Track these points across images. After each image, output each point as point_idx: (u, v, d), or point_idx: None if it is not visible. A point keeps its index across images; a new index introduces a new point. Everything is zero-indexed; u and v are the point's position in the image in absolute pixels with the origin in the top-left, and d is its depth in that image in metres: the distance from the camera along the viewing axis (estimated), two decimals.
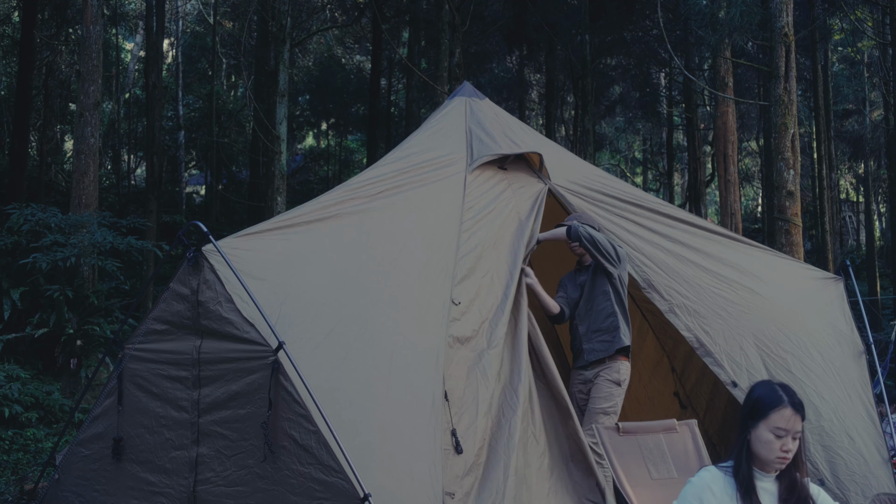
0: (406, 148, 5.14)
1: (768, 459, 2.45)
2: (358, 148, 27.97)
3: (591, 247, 4.54)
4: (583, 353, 4.73)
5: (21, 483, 6.17)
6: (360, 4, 20.09)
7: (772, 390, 2.49)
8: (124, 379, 3.90)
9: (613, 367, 4.59)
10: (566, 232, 4.62)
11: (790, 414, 2.43)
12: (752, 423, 2.46)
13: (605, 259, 4.56)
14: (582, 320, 4.77)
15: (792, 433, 2.43)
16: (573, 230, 4.58)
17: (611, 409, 4.53)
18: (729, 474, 2.49)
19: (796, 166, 8.14)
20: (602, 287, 4.65)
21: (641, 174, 30.91)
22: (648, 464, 4.51)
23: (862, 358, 4.87)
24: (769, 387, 2.51)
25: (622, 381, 4.60)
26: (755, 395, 2.51)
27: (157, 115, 15.08)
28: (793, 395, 2.48)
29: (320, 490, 3.14)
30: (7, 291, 8.44)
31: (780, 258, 5.42)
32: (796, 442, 2.46)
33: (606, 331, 4.63)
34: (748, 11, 9.88)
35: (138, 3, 22.15)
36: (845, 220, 28.82)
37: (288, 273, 3.78)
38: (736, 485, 2.46)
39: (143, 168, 20.02)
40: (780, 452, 2.43)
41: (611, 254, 4.56)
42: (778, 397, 2.45)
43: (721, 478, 2.49)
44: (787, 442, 2.43)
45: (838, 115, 21.66)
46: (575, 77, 18.10)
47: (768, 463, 2.46)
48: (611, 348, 4.59)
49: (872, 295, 18.68)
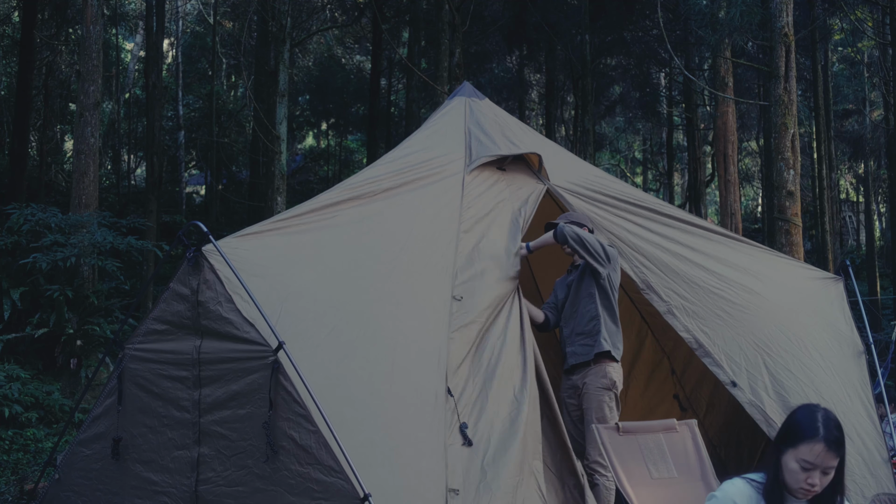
0: (405, 148, 5.14)
1: (793, 488, 2.32)
2: (358, 148, 27.97)
3: (579, 246, 4.42)
4: (567, 357, 4.61)
5: (21, 483, 6.18)
6: (360, 4, 20.09)
7: (811, 419, 2.31)
8: (125, 379, 3.90)
9: (600, 371, 4.43)
10: (553, 235, 4.51)
11: (821, 450, 2.25)
12: (783, 447, 2.32)
13: (593, 258, 4.43)
14: (567, 322, 4.66)
15: (822, 468, 2.27)
16: (559, 232, 4.45)
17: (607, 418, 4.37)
18: (757, 490, 2.37)
19: (796, 166, 8.14)
20: (588, 289, 4.53)
21: (641, 174, 30.92)
22: (648, 463, 4.50)
23: (862, 358, 4.87)
24: (810, 414, 2.33)
25: (612, 384, 4.44)
26: (794, 419, 2.35)
27: (157, 115, 15.09)
28: (830, 430, 2.28)
29: (320, 490, 3.14)
30: (7, 291, 8.44)
31: (779, 258, 5.42)
32: (828, 477, 2.29)
33: (588, 334, 4.49)
34: (748, 11, 9.88)
35: (138, 3, 22.16)
36: (845, 220, 28.82)
37: (288, 272, 3.78)
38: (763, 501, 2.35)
39: (143, 168, 20.02)
40: (805, 484, 2.28)
41: (599, 252, 4.44)
42: (814, 429, 2.27)
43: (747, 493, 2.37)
44: (813, 475, 2.27)
45: (838, 115, 21.66)
46: (575, 77, 18.10)
47: (793, 491, 2.33)
48: (591, 353, 4.44)
49: (872, 295, 18.68)
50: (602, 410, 4.37)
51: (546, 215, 5.55)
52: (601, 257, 4.45)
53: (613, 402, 4.42)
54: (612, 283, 4.54)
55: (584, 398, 4.44)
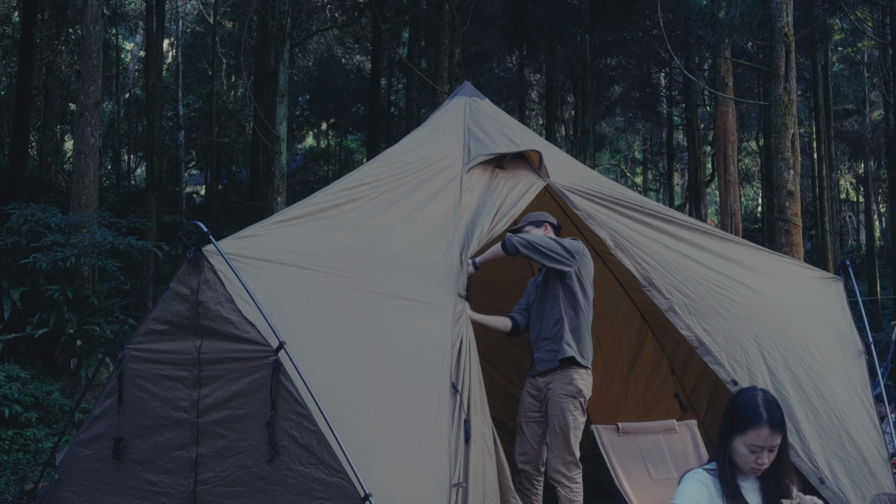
0: (404, 145, 5.13)
1: (744, 469, 2.51)
2: (358, 148, 27.97)
3: (532, 252, 4.19)
4: (534, 363, 4.45)
5: (21, 483, 6.18)
6: (360, 4, 20.09)
7: (753, 405, 2.48)
8: (124, 379, 3.90)
9: (566, 377, 4.23)
10: (502, 248, 4.23)
11: (767, 433, 2.44)
12: (732, 434, 2.50)
13: (551, 260, 4.22)
14: (534, 326, 4.48)
15: (768, 448, 2.46)
16: (508, 244, 4.19)
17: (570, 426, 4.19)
18: (713, 475, 2.54)
19: (796, 166, 8.14)
20: (553, 290, 4.35)
21: (641, 174, 30.91)
22: (648, 464, 4.51)
23: (861, 358, 4.86)
24: (752, 400, 2.50)
25: (577, 392, 4.22)
26: (737, 406, 2.52)
27: (157, 115, 15.08)
28: (773, 413, 2.47)
29: (321, 490, 3.14)
30: (7, 291, 8.45)
31: (779, 259, 5.42)
32: (773, 453, 2.49)
33: (553, 339, 4.31)
34: (748, 11, 9.88)
35: (138, 3, 22.16)
36: (845, 220, 28.82)
37: (288, 272, 3.78)
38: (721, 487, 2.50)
39: (143, 168, 20.02)
40: (755, 465, 2.48)
41: (557, 252, 4.22)
42: (757, 415, 2.45)
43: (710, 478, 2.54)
44: (762, 456, 2.47)
45: (838, 115, 21.65)
46: (575, 77, 18.10)
47: (744, 472, 2.52)
48: (555, 359, 4.26)
49: (872, 295, 18.68)
50: (566, 419, 4.20)
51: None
52: (561, 256, 4.23)
53: (578, 411, 4.24)
54: (582, 280, 4.35)
55: (549, 404, 4.28)
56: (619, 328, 6.21)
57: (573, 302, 4.33)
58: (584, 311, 4.35)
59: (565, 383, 4.24)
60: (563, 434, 4.20)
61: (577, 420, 4.24)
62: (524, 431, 4.42)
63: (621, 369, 6.26)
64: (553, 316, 4.35)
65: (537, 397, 4.38)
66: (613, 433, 4.55)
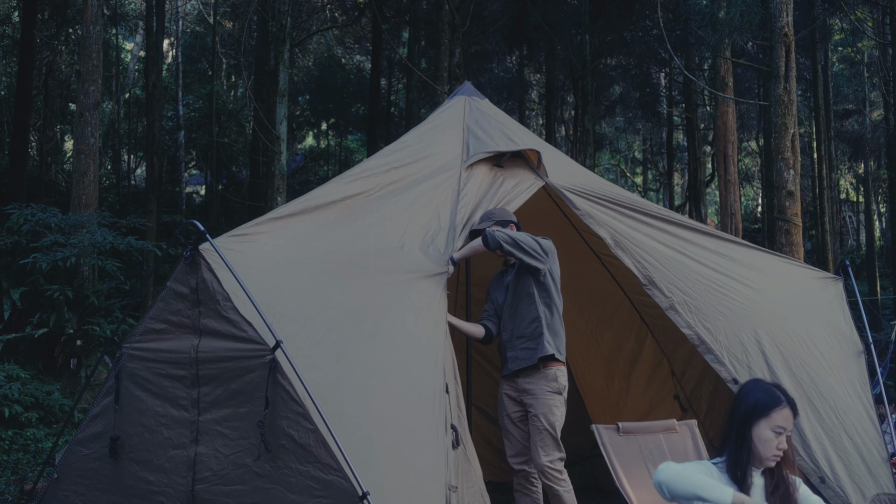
0: (403, 142, 5.12)
1: (766, 456, 2.58)
2: (358, 148, 27.97)
3: (513, 248, 4.17)
4: (507, 362, 4.42)
5: (21, 483, 6.17)
6: (360, 4, 20.09)
7: (769, 391, 2.62)
8: (123, 378, 3.90)
9: (549, 375, 4.28)
10: (482, 242, 4.20)
11: (788, 413, 2.58)
12: (755, 421, 2.58)
13: (530, 256, 4.22)
14: (506, 326, 4.45)
15: (787, 431, 2.59)
16: (489, 237, 4.15)
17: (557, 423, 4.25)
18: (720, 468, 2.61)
19: (796, 166, 8.13)
20: (527, 289, 4.34)
21: (641, 174, 30.91)
22: (648, 464, 4.50)
23: (861, 358, 4.85)
24: (765, 387, 2.64)
25: (562, 387, 4.31)
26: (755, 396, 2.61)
27: (157, 115, 15.09)
28: (787, 395, 2.63)
29: (319, 488, 3.14)
30: (7, 291, 8.44)
31: (779, 259, 5.41)
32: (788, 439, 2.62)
33: (530, 337, 4.31)
34: (748, 11, 9.88)
35: (138, 3, 22.16)
36: (845, 220, 28.81)
37: (285, 271, 3.77)
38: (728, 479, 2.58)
39: (143, 168, 20.02)
40: (776, 450, 2.57)
41: (535, 250, 4.23)
42: (777, 397, 2.59)
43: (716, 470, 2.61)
44: (782, 440, 2.58)
45: (838, 115, 21.65)
46: (575, 77, 18.09)
47: (765, 460, 2.59)
48: (534, 356, 4.28)
49: (872, 295, 18.68)
50: (553, 415, 4.26)
51: (545, 214, 5.55)
52: (538, 254, 4.24)
53: (563, 406, 4.32)
54: (554, 278, 4.38)
55: (533, 403, 4.30)
56: (618, 330, 6.21)
57: (547, 300, 4.36)
58: (557, 308, 4.41)
59: (549, 380, 4.29)
60: (551, 431, 4.26)
61: (562, 415, 4.34)
62: (511, 433, 4.44)
63: (621, 371, 6.25)
64: (528, 314, 4.36)
65: (516, 398, 4.42)
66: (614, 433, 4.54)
